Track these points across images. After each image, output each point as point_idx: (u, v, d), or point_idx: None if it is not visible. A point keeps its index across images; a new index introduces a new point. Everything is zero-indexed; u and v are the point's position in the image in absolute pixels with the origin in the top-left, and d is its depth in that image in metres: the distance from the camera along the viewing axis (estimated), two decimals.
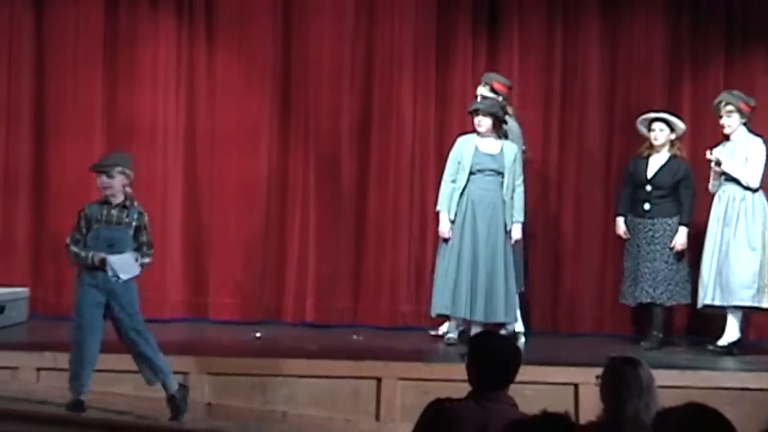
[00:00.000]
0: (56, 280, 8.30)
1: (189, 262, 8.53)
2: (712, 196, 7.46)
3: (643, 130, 7.60)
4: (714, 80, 8.47)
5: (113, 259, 5.95)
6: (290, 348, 7.33)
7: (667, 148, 7.55)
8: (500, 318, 7.36)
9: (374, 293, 8.44)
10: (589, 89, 8.51)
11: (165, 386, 6.06)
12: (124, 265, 5.99)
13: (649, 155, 7.57)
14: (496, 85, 7.72)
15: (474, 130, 7.44)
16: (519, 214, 7.47)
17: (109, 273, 5.97)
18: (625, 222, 7.63)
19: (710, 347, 7.29)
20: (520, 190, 7.49)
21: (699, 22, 8.49)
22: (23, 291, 8.16)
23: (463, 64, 8.55)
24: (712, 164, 7.36)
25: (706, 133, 8.28)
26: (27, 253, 8.50)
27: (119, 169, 6.14)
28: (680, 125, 7.59)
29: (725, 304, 7.29)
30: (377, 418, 6.57)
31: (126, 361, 6.17)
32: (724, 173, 7.32)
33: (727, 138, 7.46)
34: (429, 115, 8.39)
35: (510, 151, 7.44)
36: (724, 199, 7.37)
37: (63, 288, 8.03)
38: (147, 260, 6.10)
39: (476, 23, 8.56)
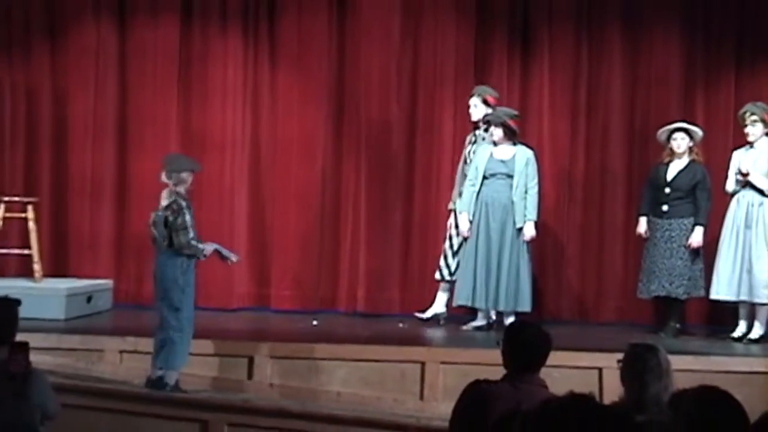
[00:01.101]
0: (137, 273, 8.44)
1: (253, 258, 8.59)
2: (729, 197, 7.43)
3: (663, 139, 7.60)
4: (725, 93, 8.40)
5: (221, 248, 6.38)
6: (343, 334, 7.37)
7: (687, 154, 7.54)
8: (512, 307, 7.43)
9: (418, 286, 8.43)
10: (612, 102, 8.47)
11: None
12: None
13: (669, 161, 7.57)
14: (489, 98, 7.71)
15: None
16: (531, 214, 7.47)
17: (233, 258, 6.45)
18: (647, 222, 7.64)
19: (744, 340, 7.25)
20: (533, 192, 7.50)
21: (711, 39, 8.42)
22: (107, 282, 8.29)
23: (498, 80, 8.49)
24: (738, 174, 7.33)
25: (718, 140, 8.26)
26: (111, 250, 8.62)
27: None
28: (698, 132, 7.58)
29: (749, 300, 7.26)
30: (421, 397, 6.58)
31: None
32: (749, 182, 7.31)
33: (750, 144, 7.43)
34: (467, 126, 8.40)
35: (522, 156, 7.49)
36: (744, 203, 7.32)
37: (143, 280, 8.14)
38: None
39: (510, 43, 8.55)
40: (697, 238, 7.42)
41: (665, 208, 7.52)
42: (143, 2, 8.69)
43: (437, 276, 7.81)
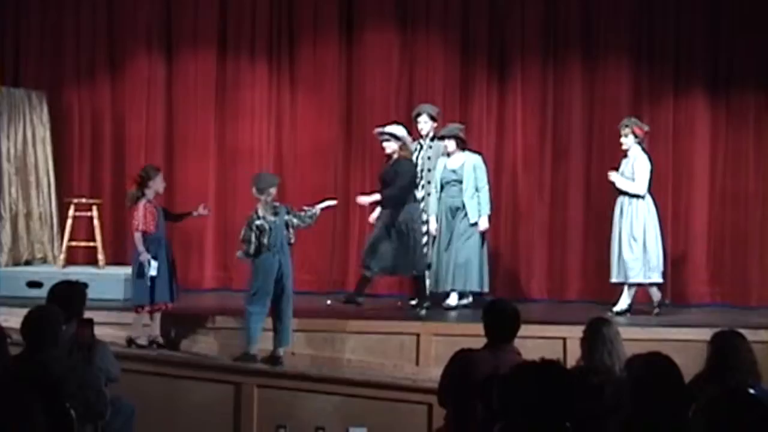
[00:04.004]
0: (181, 261, 8.41)
1: None
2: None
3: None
4: (666, 109, 8.37)
5: None
6: (353, 312, 7.26)
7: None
8: (472, 287, 7.39)
9: None
10: (573, 119, 8.45)
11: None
12: None
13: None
14: (434, 114, 7.66)
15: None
16: (485, 209, 7.41)
17: None
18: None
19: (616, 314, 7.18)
20: (484, 191, 7.43)
21: (654, 66, 8.39)
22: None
23: (479, 101, 8.53)
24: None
25: (660, 149, 8.25)
26: None
27: None
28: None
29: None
30: (417, 363, 6.62)
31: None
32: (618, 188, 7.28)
33: (625, 153, 7.35)
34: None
35: (470, 163, 7.42)
36: (618, 202, 7.31)
37: (184, 267, 8.08)
38: None
39: (489, 71, 8.55)
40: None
41: None
42: (186, 39, 8.70)
43: None
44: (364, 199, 7.22)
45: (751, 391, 3.62)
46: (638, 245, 7.20)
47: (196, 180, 8.39)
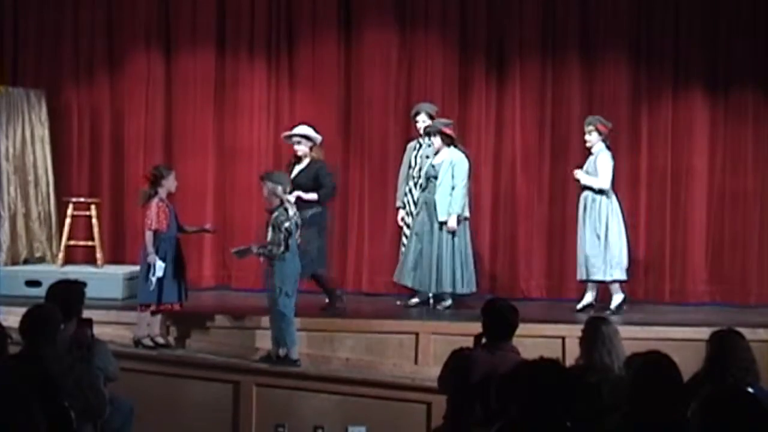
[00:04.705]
0: None
1: None
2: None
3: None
4: (665, 107, 8.36)
5: None
6: (351, 311, 7.31)
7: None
8: (443, 288, 7.22)
9: None
10: (572, 117, 8.42)
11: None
12: None
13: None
14: (431, 113, 7.64)
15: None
16: (454, 208, 7.19)
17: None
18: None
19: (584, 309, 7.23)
20: (458, 189, 7.22)
21: (653, 64, 8.38)
22: None
23: (478, 100, 8.51)
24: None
25: (659, 146, 8.26)
26: None
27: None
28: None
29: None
30: (416, 362, 6.61)
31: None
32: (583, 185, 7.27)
33: (589, 150, 7.38)
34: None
35: (448, 159, 7.32)
36: (582, 199, 7.33)
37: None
38: None
39: (488, 69, 8.53)
40: None
41: None
42: (185, 37, 8.68)
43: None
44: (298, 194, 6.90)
45: (750, 389, 3.63)
46: (600, 242, 7.22)
47: (195, 178, 8.37)
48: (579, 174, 7.34)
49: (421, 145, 7.69)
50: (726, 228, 8.35)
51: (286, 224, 6.06)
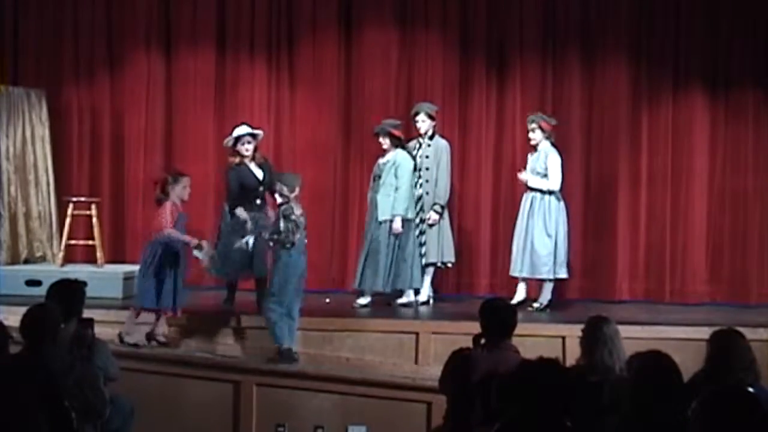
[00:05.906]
0: None
1: None
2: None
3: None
4: (665, 108, 8.34)
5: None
6: (351, 310, 7.33)
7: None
8: (376, 287, 7.30)
9: None
10: (572, 116, 8.42)
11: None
12: None
13: None
14: (432, 113, 7.65)
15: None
16: (396, 209, 7.23)
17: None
18: None
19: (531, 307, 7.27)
20: (401, 190, 7.25)
21: (653, 64, 8.36)
22: None
23: (478, 99, 8.51)
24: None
25: (659, 146, 8.25)
26: None
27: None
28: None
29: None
30: (416, 362, 6.61)
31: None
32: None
33: (534, 148, 7.41)
34: (453, 136, 8.41)
35: (392, 161, 7.35)
36: (529, 197, 7.36)
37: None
38: None
39: (488, 68, 8.52)
40: None
41: None
42: (185, 37, 8.68)
43: None
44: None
45: (750, 389, 3.63)
46: (551, 241, 7.25)
47: (195, 178, 8.28)
48: (526, 176, 7.35)
49: (420, 145, 7.69)
50: (726, 228, 8.35)
51: (292, 216, 6.16)
